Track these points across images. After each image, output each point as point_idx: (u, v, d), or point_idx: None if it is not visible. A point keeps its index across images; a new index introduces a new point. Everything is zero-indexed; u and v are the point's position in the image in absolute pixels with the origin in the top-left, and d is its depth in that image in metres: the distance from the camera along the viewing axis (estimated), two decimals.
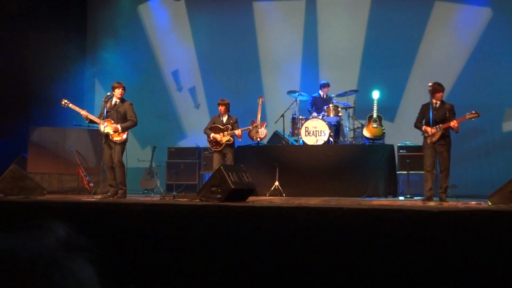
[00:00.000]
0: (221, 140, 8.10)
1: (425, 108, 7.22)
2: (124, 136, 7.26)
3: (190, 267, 4.77)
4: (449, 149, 7.02)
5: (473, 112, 6.94)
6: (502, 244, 4.27)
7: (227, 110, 8.28)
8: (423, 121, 7.19)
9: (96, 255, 0.75)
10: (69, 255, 0.71)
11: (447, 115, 7.01)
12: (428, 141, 6.99)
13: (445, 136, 7.00)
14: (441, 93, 7.12)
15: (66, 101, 7.52)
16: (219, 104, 8.29)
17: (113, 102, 7.31)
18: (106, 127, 7.17)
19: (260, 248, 4.73)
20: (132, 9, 12.01)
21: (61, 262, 0.69)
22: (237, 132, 8.11)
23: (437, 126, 6.95)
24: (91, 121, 7.40)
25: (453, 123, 6.87)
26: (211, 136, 8.15)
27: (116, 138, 7.19)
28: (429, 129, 7.00)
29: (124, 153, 7.30)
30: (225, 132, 8.13)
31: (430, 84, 7.18)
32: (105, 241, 4.63)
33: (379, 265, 4.41)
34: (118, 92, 7.27)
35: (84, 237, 0.76)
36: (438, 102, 7.13)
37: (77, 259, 0.72)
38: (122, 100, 7.34)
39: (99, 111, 7.69)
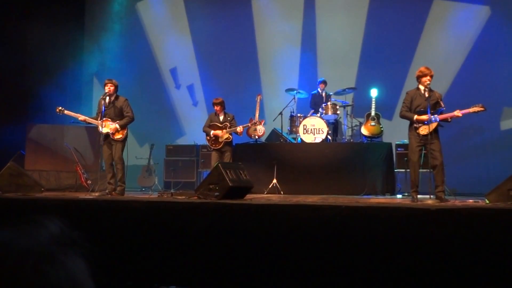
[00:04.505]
0: (221, 137, 8.09)
1: (412, 95, 6.58)
2: (124, 133, 7.30)
3: (188, 264, 4.77)
4: (440, 143, 6.39)
5: (480, 105, 6.32)
6: (499, 242, 4.28)
7: (223, 108, 8.27)
8: (409, 110, 6.56)
9: (88, 250, 0.75)
10: (61, 250, 0.71)
11: (442, 105, 6.42)
12: (421, 132, 6.36)
13: (437, 128, 6.40)
14: (427, 77, 6.43)
15: (60, 108, 7.48)
16: (214, 104, 8.28)
17: (107, 100, 7.33)
18: (105, 128, 7.19)
19: (258, 246, 4.73)
20: (131, 6, 11.99)
21: (52, 256, 0.69)
22: (239, 129, 8.12)
23: (433, 116, 6.30)
24: (90, 123, 7.50)
25: (457, 113, 6.28)
26: (211, 133, 8.13)
27: (117, 137, 7.23)
28: (424, 117, 6.33)
29: (124, 149, 7.33)
30: (224, 130, 8.12)
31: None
32: (103, 238, 4.63)
33: (376, 263, 4.41)
34: (107, 88, 7.31)
35: (76, 232, 0.76)
36: (427, 89, 6.45)
37: (69, 253, 0.71)
38: (116, 96, 7.36)
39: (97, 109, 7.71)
